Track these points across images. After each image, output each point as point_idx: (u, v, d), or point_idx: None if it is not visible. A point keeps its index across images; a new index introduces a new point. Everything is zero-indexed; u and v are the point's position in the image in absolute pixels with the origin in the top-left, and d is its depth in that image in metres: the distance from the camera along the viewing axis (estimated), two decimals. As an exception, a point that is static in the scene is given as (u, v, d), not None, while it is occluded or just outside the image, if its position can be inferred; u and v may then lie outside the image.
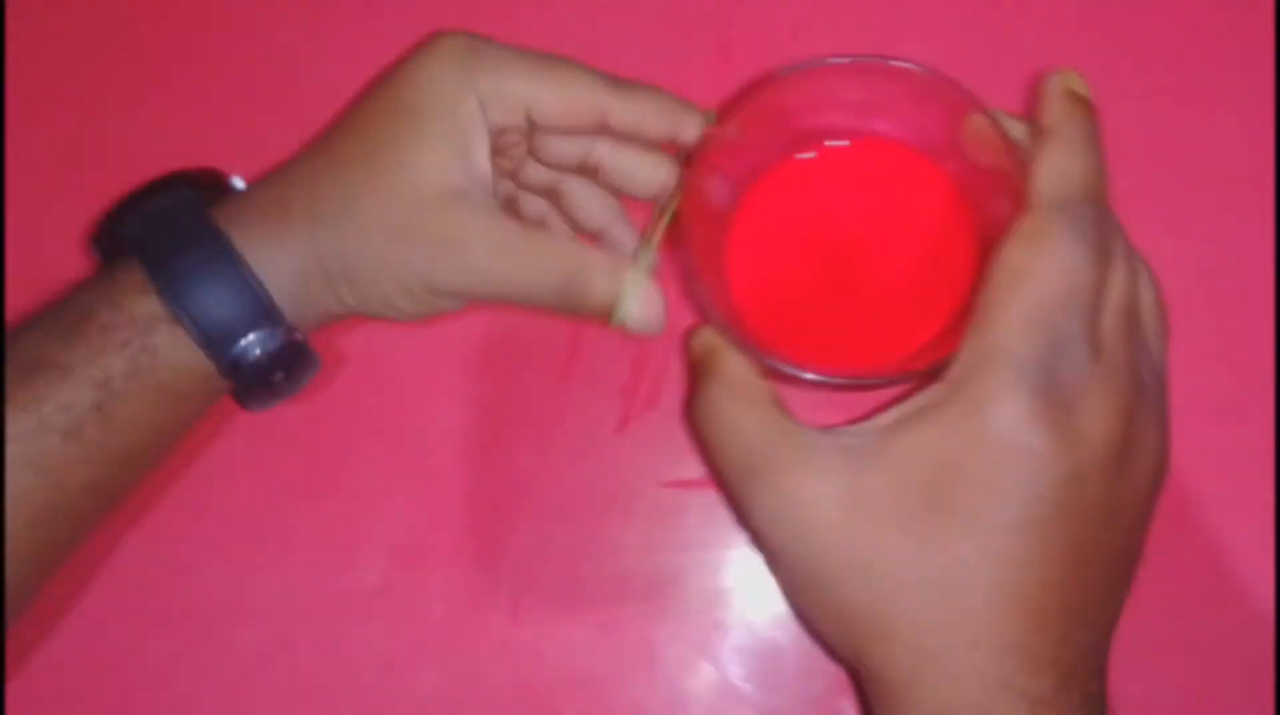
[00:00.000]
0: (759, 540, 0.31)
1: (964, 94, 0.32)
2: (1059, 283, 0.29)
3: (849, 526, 0.29)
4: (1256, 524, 0.39)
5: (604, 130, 0.35)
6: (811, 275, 0.36)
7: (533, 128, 0.35)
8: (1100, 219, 0.30)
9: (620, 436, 0.40)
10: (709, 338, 0.34)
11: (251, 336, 0.33)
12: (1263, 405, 0.40)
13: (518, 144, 0.36)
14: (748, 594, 0.39)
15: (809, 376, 0.31)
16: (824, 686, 0.38)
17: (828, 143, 0.37)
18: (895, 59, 0.33)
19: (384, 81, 0.35)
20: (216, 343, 0.33)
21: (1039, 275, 0.29)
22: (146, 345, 0.32)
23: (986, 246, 0.33)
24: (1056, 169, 0.30)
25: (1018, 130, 0.33)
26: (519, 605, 0.39)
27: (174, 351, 0.33)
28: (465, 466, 0.40)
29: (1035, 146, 0.31)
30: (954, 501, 0.28)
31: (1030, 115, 0.33)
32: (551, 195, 0.39)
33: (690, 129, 0.35)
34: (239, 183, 0.39)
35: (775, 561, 0.32)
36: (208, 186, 0.37)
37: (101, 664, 0.39)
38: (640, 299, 0.33)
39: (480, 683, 0.39)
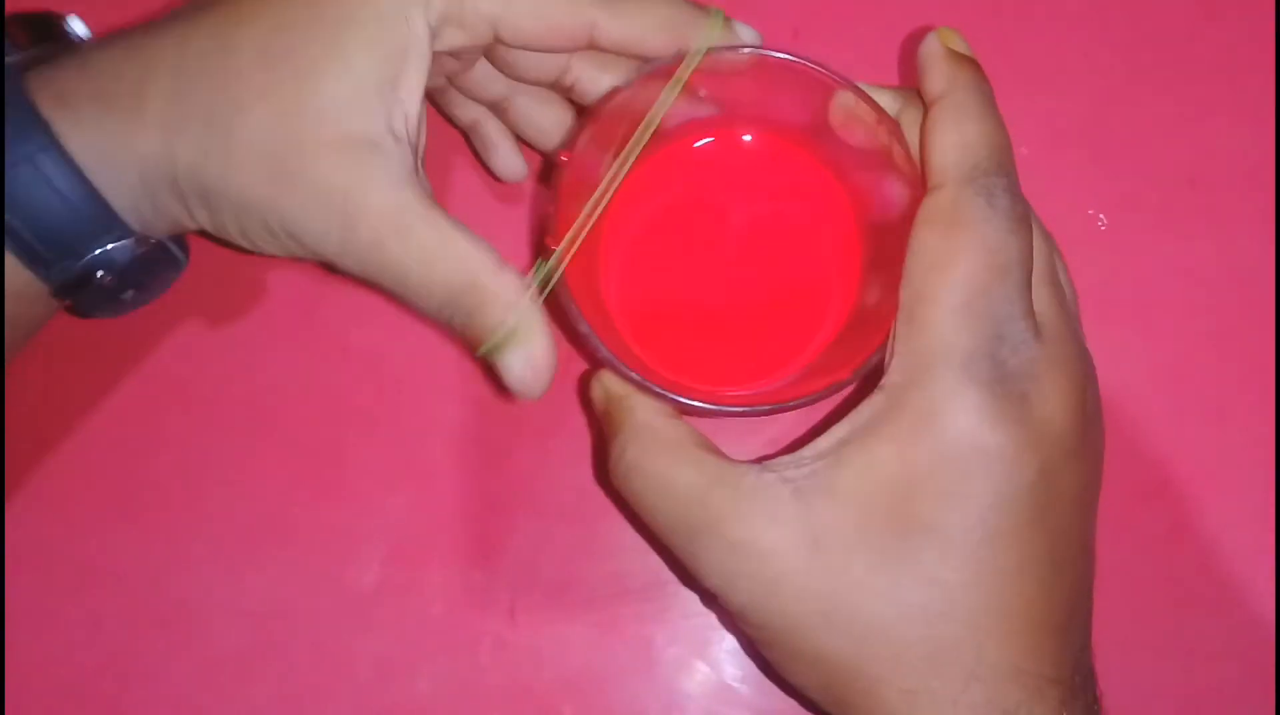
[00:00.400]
0: (718, 601, 0.29)
1: (825, 73, 0.30)
2: (987, 263, 0.26)
3: (814, 570, 0.26)
4: (1256, 524, 0.39)
5: (590, 47, 0.30)
6: (695, 288, 0.33)
7: (498, 43, 0.29)
8: (1012, 186, 0.27)
9: (618, 436, 0.40)
10: (610, 386, 0.30)
11: (90, 254, 0.28)
12: (1263, 405, 0.40)
13: (470, 63, 0.31)
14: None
15: (733, 409, 0.29)
16: (822, 687, 0.38)
17: (693, 144, 0.34)
18: (747, 47, 0.30)
19: None
20: (44, 262, 0.27)
21: (963, 258, 0.26)
22: None
23: (876, 229, 0.31)
24: (956, 138, 0.27)
25: (888, 101, 0.30)
26: (516, 605, 0.39)
27: None
28: (463, 465, 0.40)
29: (926, 117, 0.28)
30: (922, 522, 0.26)
31: (906, 83, 0.30)
32: (497, 108, 0.34)
33: (698, 39, 0.29)
34: (79, 28, 0.32)
35: (741, 620, 0.29)
36: (37, 36, 0.31)
37: (95, 662, 0.39)
38: (527, 351, 0.28)
39: (477, 682, 0.38)
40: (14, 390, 0.40)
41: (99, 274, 0.28)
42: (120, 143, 0.27)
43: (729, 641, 0.38)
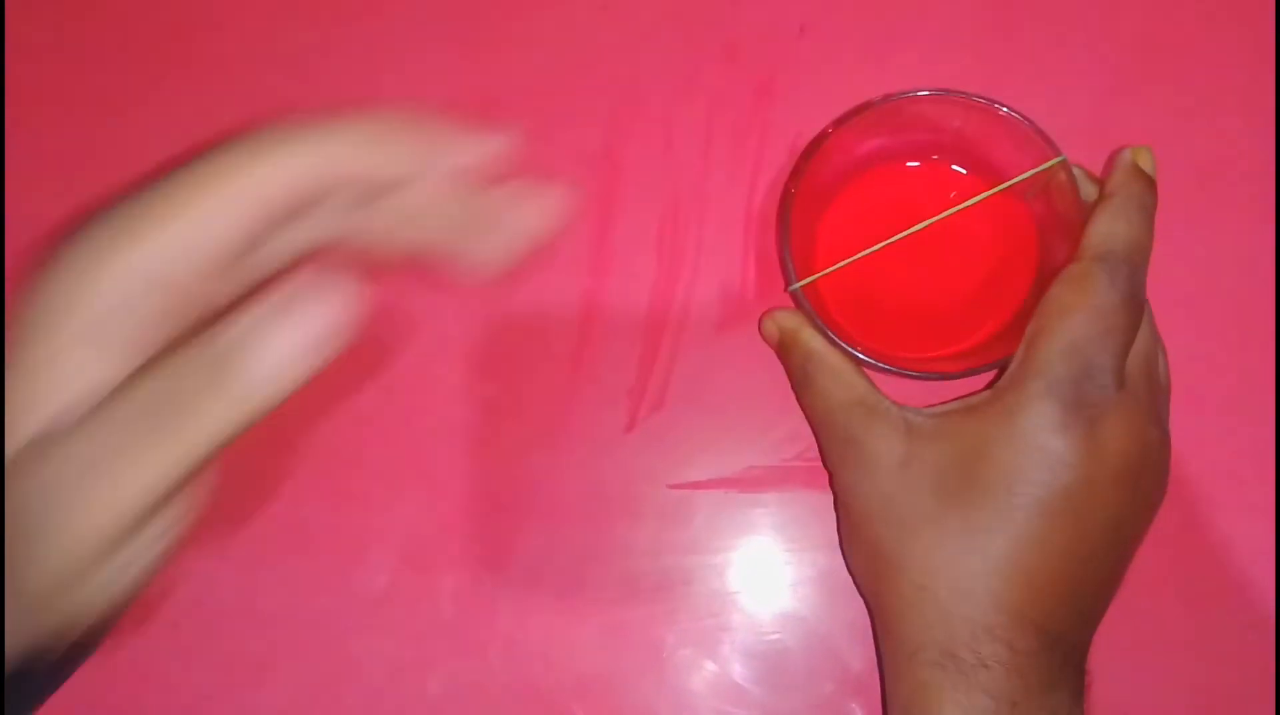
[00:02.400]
0: (831, 479, 0.38)
1: (1054, 148, 0.37)
2: (1096, 320, 0.33)
3: (896, 479, 0.35)
4: (1256, 524, 0.39)
5: None
6: (888, 268, 0.40)
7: None
8: (1134, 275, 0.34)
9: (627, 438, 0.40)
10: (783, 321, 0.39)
11: None
12: (1263, 405, 0.40)
13: None
14: (755, 596, 0.39)
15: (867, 360, 0.37)
16: (832, 688, 0.38)
17: (932, 158, 0.40)
18: (1004, 105, 0.37)
19: None
20: None
21: (1080, 312, 0.34)
22: None
23: (1041, 275, 0.39)
24: (1106, 227, 0.35)
25: (1090, 189, 0.38)
26: (526, 607, 0.39)
27: None
28: (473, 468, 0.40)
29: (1095, 205, 0.36)
30: (978, 480, 0.33)
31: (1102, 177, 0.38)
32: None
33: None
34: None
35: (838, 498, 0.38)
36: None
37: (108, 666, 0.39)
38: None
39: (488, 684, 0.39)
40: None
41: None
42: None
43: (739, 642, 0.39)
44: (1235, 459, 0.40)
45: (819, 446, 0.39)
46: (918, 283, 0.40)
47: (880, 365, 0.37)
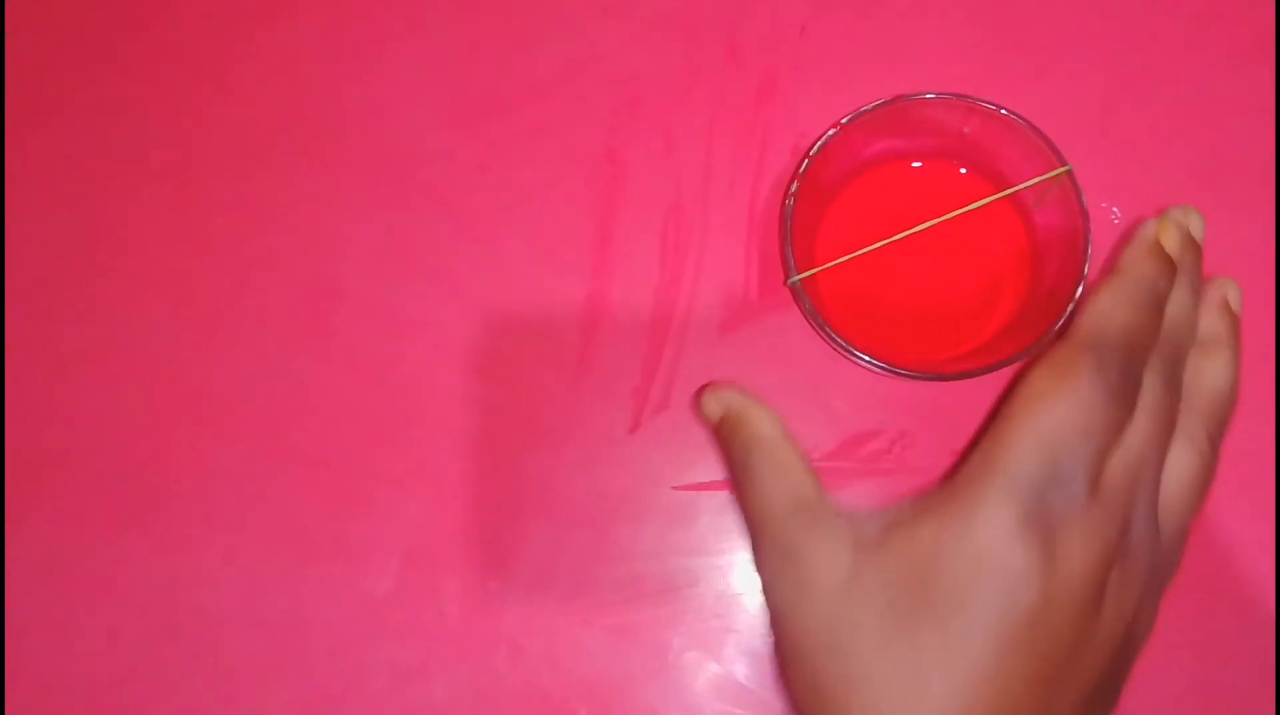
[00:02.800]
0: (765, 593, 0.33)
1: (1060, 158, 0.36)
2: (1072, 415, 0.30)
3: (837, 601, 0.30)
4: (1257, 524, 0.40)
5: None
6: (887, 268, 0.39)
7: None
8: (1127, 368, 0.31)
9: (632, 439, 0.40)
10: (730, 400, 0.35)
11: None
12: (1263, 405, 0.40)
13: None
14: (760, 597, 0.39)
15: (862, 357, 0.36)
16: (838, 689, 0.38)
17: (937, 161, 0.40)
18: (1012, 112, 0.37)
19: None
20: None
21: (1056, 402, 0.30)
22: None
23: (1036, 284, 0.38)
24: (1101, 310, 0.32)
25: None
26: (532, 610, 0.39)
27: None
28: (476, 471, 0.40)
29: (1101, 281, 0.33)
30: (929, 602, 0.29)
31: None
32: None
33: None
34: None
35: (773, 618, 0.33)
36: None
37: (112, 673, 0.38)
38: None
39: (494, 687, 0.39)
40: (29, 403, 0.40)
41: None
42: None
43: (745, 644, 0.39)
44: (1235, 459, 0.40)
45: (753, 550, 0.35)
46: (917, 284, 0.40)
47: (877, 364, 0.36)
